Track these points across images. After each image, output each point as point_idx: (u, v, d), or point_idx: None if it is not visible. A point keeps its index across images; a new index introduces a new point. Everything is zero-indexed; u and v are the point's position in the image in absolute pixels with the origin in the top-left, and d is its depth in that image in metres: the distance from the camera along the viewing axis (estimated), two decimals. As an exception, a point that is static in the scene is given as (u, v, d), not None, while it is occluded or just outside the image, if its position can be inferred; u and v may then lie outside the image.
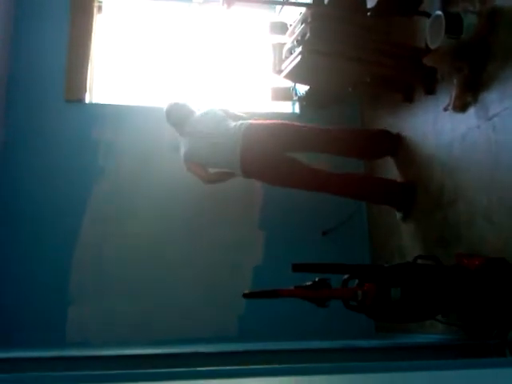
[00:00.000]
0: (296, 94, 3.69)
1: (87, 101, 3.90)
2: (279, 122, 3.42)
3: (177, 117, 3.53)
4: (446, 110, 2.87)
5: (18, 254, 3.53)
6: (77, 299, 3.51)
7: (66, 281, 3.52)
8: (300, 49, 3.01)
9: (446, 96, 2.88)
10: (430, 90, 3.06)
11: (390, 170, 3.54)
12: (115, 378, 1.35)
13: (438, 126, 3.00)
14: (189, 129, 3.47)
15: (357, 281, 2.44)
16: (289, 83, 3.69)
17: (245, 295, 2.44)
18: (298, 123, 3.44)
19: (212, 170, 3.52)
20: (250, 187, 3.71)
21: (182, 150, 3.47)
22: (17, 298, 3.46)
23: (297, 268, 2.46)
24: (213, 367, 1.39)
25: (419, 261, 2.53)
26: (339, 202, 3.67)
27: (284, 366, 1.47)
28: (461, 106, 2.76)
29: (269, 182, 3.46)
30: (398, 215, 3.37)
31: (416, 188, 3.22)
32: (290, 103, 4.06)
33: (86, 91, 3.87)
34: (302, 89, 3.61)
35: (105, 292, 3.54)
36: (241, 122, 3.39)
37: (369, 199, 3.64)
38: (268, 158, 3.26)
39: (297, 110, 4.02)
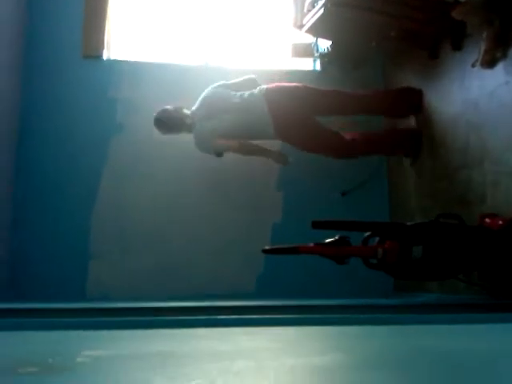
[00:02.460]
0: (317, 50, 3.59)
1: (105, 57, 3.85)
2: (299, 84, 3.36)
3: (177, 120, 3.42)
4: (473, 66, 2.78)
5: (40, 212, 3.56)
6: (97, 255, 3.55)
7: (87, 237, 3.56)
8: (323, 1, 2.91)
9: (473, 52, 2.78)
10: (458, 46, 2.96)
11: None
12: (134, 325, 1.35)
13: (465, 83, 2.90)
14: (201, 115, 3.37)
15: (377, 239, 2.42)
16: (310, 39, 3.60)
17: (264, 251, 2.44)
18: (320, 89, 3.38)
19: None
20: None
21: (204, 134, 3.37)
22: (38, 253, 3.51)
23: (317, 225, 2.44)
24: (233, 316, 1.39)
25: (441, 219, 2.49)
26: (359, 162, 3.62)
27: (304, 316, 1.46)
28: (489, 62, 2.67)
29: (303, 146, 3.39)
30: (406, 161, 3.47)
31: (421, 134, 3.31)
32: (310, 60, 3.96)
33: (103, 47, 3.82)
34: (324, 45, 3.51)
35: (124, 248, 3.57)
36: (254, 89, 3.34)
37: (389, 153, 3.66)
38: (300, 120, 3.25)
39: (318, 67, 3.93)
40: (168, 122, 3.41)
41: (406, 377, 0.78)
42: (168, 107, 3.43)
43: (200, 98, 3.44)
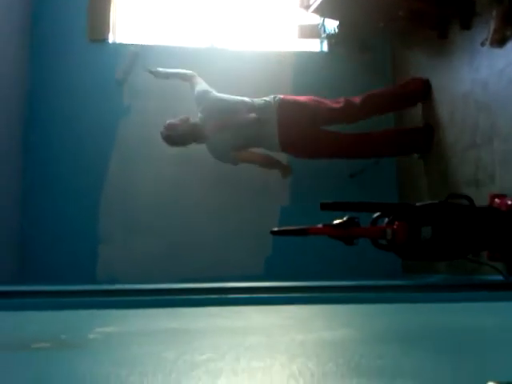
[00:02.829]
0: (324, 31, 3.55)
1: (111, 41, 3.83)
2: (311, 98, 3.32)
3: (187, 134, 3.33)
4: (483, 44, 2.75)
5: (49, 196, 3.58)
6: (105, 239, 3.57)
7: (95, 221, 3.58)
8: (330, -20, 2.87)
9: (482, 31, 2.75)
10: (467, 25, 2.92)
11: (419, 113, 3.44)
12: (145, 304, 1.37)
13: (474, 63, 2.87)
14: (213, 127, 3.29)
15: (386, 220, 2.41)
16: (317, 19, 3.56)
17: (273, 232, 2.43)
18: (329, 100, 3.33)
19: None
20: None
21: (222, 148, 3.33)
22: (48, 237, 3.54)
23: (325, 206, 2.44)
24: (244, 295, 1.40)
25: (451, 200, 2.48)
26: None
27: (314, 295, 1.46)
28: (499, 40, 2.64)
29: (307, 156, 3.41)
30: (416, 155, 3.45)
31: (432, 129, 3.27)
32: (317, 41, 3.92)
33: (109, 31, 3.81)
34: (331, 26, 3.47)
35: (133, 231, 3.59)
36: (268, 98, 3.30)
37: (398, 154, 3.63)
38: (307, 133, 3.23)
39: (325, 48, 3.89)
40: (178, 139, 3.33)
41: (413, 349, 0.78)
42: (175, 121, 3.31)
43: (204, 106, 3.33)
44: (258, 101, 3.31)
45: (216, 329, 1.01)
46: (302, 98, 3.33)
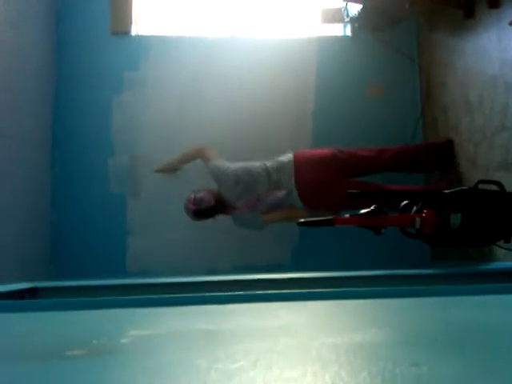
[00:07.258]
0: (348, 14, 3.49)
1: (133, 33, 3.84)
2: (326, 151, 3.20)
3: (218, 208, 3.25)
4: (511, 24, 2.67)
5: (77, 189, 3.64)
6: (135, 230, 3.62)
7: (125, 213, 3.62)
8: (352, -37, 2.81)
9: (511, 10, 2.66)
10: (494, 3, 2.84)
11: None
12: (176, 302, 1.38)
13: (503, 43, 2.79)
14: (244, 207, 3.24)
15: (414, 208, 2.38)
16: (340, 3, 3.50)
17: (299, 224, 2.42)
18: (349, 150, 3.24)
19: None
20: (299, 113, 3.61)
21: (254, 223, 3.29)
22: (79, 231, 3.60)
23: (352, 195, 2.43)
24: (271, 290, 1.40)
25: (481, 186, 2.44)
26: (394, 128, 3.55)
27: (341, 289, 1.45)
28: (529, 19, 2.56)
29: (333, 210, 3.20)
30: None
31: (452, 144, 3.24)
32: (341, 25, 3.86)
33: (131, 23, 3.81)
34: (355, 9, 3.41)
35: (161, 223, 3.62)
36: (281, 158, 3.23)
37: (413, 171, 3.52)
38: (328, 189, 3.12)
39: (348, 32, 3.84)
40: (205, 211, 3.22)
41: (450, 353, 0.76)
42: (201, 195, 3.21)
43: (222, 183, 3.25)
44: (271, 163, 3.23)
45: (246, 330, 1.01)
46: (317, 150, 3.24)
